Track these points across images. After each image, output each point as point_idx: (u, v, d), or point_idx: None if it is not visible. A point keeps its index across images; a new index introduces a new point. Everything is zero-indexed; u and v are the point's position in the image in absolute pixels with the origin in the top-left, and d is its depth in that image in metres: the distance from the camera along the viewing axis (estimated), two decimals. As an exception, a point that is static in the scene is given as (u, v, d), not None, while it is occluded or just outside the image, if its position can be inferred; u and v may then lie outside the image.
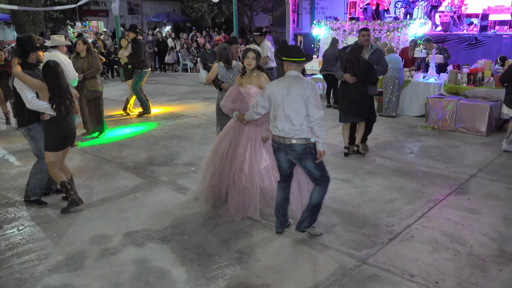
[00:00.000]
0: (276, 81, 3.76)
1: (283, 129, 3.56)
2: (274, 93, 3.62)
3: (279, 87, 3.61)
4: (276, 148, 3.70)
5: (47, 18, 18.96)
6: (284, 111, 3.54)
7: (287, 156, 3.66)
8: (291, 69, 3.64)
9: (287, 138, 3.57)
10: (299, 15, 18.88)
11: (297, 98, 3.51)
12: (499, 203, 4.54)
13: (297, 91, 3.52)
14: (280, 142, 3.62)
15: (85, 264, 3.49)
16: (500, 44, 11.03)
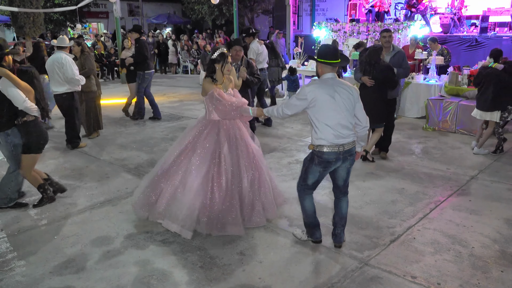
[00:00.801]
0: (316, 84, 3.37)
1: (342, 135, 3.32)
2: (318, 97, 3.29)
3: (324, 91, 3.31)
4: (333, 159, 3.36)
5: (48, 20, 18.98)
6: (340, 117, 3.31)
7: (343, 164, 3.44)
8: (327, 71, 3.40)
9: (347, 144, 3.35)
10: (299, 17, 18.92)
11: (347, 101, 3.33)
12: (500, 204, 4.54)
13: (345, 94, 3.33)
14: (339, 151, 3.33)
15: (86, 266, 3.48)
16: (501, 46, 11.01)
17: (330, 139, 3.30)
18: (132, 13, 29.29)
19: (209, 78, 3.86)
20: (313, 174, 3.47)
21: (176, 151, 3.99)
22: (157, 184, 3.98)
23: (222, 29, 21.28)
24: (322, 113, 3.30)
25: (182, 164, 3.89)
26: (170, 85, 13.90)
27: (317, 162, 3.39)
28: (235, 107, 3.82)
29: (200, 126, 4.00)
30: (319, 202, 4.60)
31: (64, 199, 4.81)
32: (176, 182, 3.85)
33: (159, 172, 4.01)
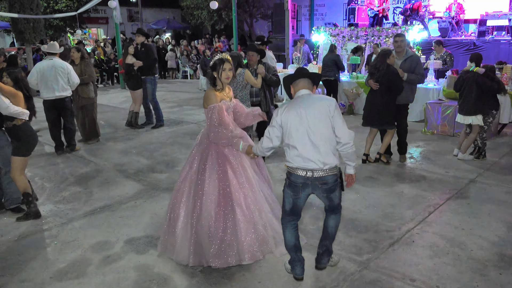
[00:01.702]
0: (285, 105, 3.09)
1: (311, 160, 2.96)
2: (287, 119, 3.00)
3: (292, 110, 3.00)
4: (300, 184, 3.04)
5: (47, 26, 19.05)
6: (308, 137, 2.96)
7: (315, 192, 3.09)
8: (298, 88, 3.12)
9: (317, 171, 2.98)
10: (298, 22, 19.01)
11: (320, 119, 2.97)
12: (498, 207, 4.56)
13: (316, 111, 2.97)
14: (307, 176, 2.99)
15: (86, 272, 3.50)
16: (499, 49, 11.10)
17: (296, 161, 3.00)
18: (132, 18, 29.42)
19: (212, 88, 3.54)
20: (287, 199, 3.15)
21: (185, 187, 3.54)
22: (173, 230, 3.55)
23: (222, 34, 21.36)
24: (289, 133, 3.01)
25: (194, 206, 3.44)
26: (169, 90, 13.95)
27: (287, 184, 3.13)
28: (229, 137, 3.42)
29: (202, 151, 3.57)
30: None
31: (64, 205, 4.83)
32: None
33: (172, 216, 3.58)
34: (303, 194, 3.10)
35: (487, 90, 5.83)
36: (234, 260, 3.34)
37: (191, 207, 3.44)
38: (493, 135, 7.35)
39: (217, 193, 3.38)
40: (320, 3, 18.81)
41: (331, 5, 18.23)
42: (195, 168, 3.52)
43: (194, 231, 3.40)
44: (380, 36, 12.22)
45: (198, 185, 3.43)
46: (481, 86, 5.82)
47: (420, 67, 5.83)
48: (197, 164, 3.53)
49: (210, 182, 3.39)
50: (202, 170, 3.45)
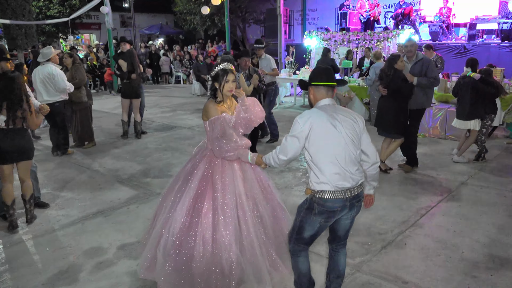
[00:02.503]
0: (311, 113, 2.67)
1: (350, 174, 2.61)
2: (316, 128, 2.59)
3: (323, 119, 2.61)
4: (338, 208, 2.64)
5: (40, 32, 18.99)
6: (346, 152, 2.60)
7: (349, 213, 2.73)
8: (321, 97, 2.71)
9: (354, 188, 2.65)
10: (290, 26, 19.12)
11: (351, 132, 2.64)
12: (489, 209, 4.61)
13: (348, 123, 2.65)
14: (345, 197, 2.62)
15: (79, 278, 3.48)
16: (489, 53, 11.23)
17: (334, 181, 2.58)
18: (125, 24, 29.42)
19: (212, 100, 3.27)
20: (312, 226, 2.74)
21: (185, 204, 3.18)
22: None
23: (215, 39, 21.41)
24: (323, 147, 2.59)
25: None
26: (162, 95, 13.94)
27: (317, 212, 2.66)
28: (235, 148, 3.12)
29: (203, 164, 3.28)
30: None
31: (57, 211, 4.81)
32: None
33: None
34: (337, 217, 2.73)
35: (482, 95, 5.89)
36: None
37: (163, 221, 3.24)
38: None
39: (184, 214, 3.11)
40: (312, 8, 18.95)
41: (323, 9, 18.37)
42: (180, 182, 3.31)
43: (159, 239, 3.18)
44: (371, 40, 12.35)
45: (174, 202, 3.22)
46: (476, 91, 5.87)
47: (431, 70, 5.59)
48: (182, 178, 3.33)
49: (184, 202, 3.14)
50: (183, 186, 3.25)
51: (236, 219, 3.10)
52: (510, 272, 3.41)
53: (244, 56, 6.11)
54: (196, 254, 3.01)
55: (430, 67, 5.58)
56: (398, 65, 5.50)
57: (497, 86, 5.98)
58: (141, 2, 24.91)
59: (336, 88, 2.82)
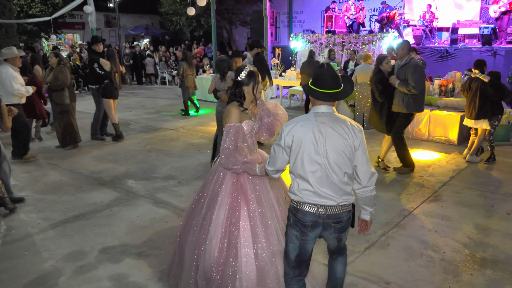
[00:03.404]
0: (297, 121, 2.46)
1: (324, 196, 2.40)
2: (300, 141, 2.39)
3: (307, 132, 2.38)
4: (310, 223, 2.44)
5: (21, 31, 18.65)
6: (323, 169, 2.38)
7: (325, 232, 2.51)
8: (318, 103, 2.46)
9: (331, 207, 2.42)
10: (277, 28, 19.19)
11: (342, 150, 2.38)
12: (470, 210, 4.68)
13: (341, 139, 2.37)
14: (318, 213, 2.41)
15: (58, 283, 3.41)
16: (470, 56, 11.45)
17: (306, 196, 2.42)
18: (109, 24, 29.09)
19: (235, 104, 3.00)
20: (292, 243, 2.53)
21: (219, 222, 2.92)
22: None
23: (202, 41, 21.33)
24: (299, 160, 2.41)
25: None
26: (148, 96, 13.81)
27: (292, 223, 2.52)
28: (240, 163, 2.89)
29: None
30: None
31: (36, 214, 4.71)
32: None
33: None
34: (312, 235, 2.49)
35: (490, 98, 6.07)
36: None
37: (195, 243, 2.98)
38: (464, 139, 7.54)
39: (220, 232, 2.88)
40: (299, 11, 19.06)
41: (309, 12, 18.49)
42: (207, 198, 3.04)
43: (197, 265, 2.94)
44: (356, 43, 12.46)
45: (205, 220, 2.96)
46: (485, 94, 6.06)
47: (412, 76, 5.37)
48: (209, 193, 3.05)
49: (218, 219, 2.89)
50: (213, 201, 2.97)
51: (275, 230, 2.92)
52: (490, 271, 3.47)
53: (235, 56, 6.11)
54: (241, 272, 2.81)
55: (412, 73, 5.39)
56: (383, 66, 5.67)
57: (504, 90, 6.15)
58: (126, 2, 24.67)
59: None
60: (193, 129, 8.89)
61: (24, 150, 6.66)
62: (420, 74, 5.46)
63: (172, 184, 5.59)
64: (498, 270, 3.49)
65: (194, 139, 7.93)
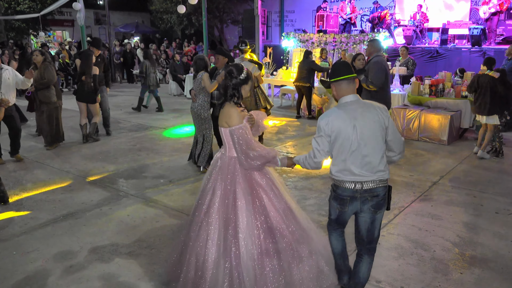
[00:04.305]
0: (333, 114, 2.74)
1: (360, 174, 2.71)
2: (339, 129, 2.68)
3: (344, 120, 2.68)
4: (349, 197, 2.76)
5: (8, 28, 18.38)
6: (359, 149, 2.69)
7: (364, 206, 2.79)
8: (344, 93, 2.77)
9: (367, 182, 2.73)
10: (268, 27, 19.18)
11: (374, 129, 2.70)
12: (460, 209, 4.72)
13: (373, 121, 2.70)
14: (355, 189, 2.73)
15: (47, 283, 3.36)
16: (460, 57, 11.58)
17: (344, 175, 2.75)
18: (99, 21, 28.81)
19: (232, 104, 3.01)
20: (333, 209, 2.92)
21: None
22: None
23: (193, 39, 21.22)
24: (339, 146, 2.71)
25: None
26: (138, 94, 13.68)
27: (333, 197, 2.88)
28: (262, 156, 2.91)
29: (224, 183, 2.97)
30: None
31: (24, 213, 4.63)
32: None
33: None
34: (350, 208, 2.81)
35: (499, 93, 6.23)
36: None
37: (224, 248, 2.85)
38: (454, 139, 7.63)
39: (256, 229, 2.85)
40: (290, 10, 19.08)
41: (300, 11, 18.52)
42: (218, 202, 2.95)
43: (230, 276, 2.82)
44: (348, 42, 12.50)
45: (229, 222, 2.87)
46: (495, 90, 6.22)
47: (371, 73, 5.66)
48: (220, 196, 2.95)
49: (246, 216, 2.85)
50: (232, 204, 2.89)
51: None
52: (479, 270, 3.50)
53: (218, 53, 6.06)
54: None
55: (373, 70, 5.70)
56: (355, 63, 6.06)
57: (510, 86, 6.32)
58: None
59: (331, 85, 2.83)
60: (184, 127, 8.84)
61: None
62: (378, 71, 5.68)
63: (162, 183, 5.56)
64: (487, 269, 3.52)
65: (185, 138, 7.89)
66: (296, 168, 3.19)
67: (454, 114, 7.47)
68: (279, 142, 7.58)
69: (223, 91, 3.07)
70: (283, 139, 7.85)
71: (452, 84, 8.13)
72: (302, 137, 7.90)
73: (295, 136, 8.06)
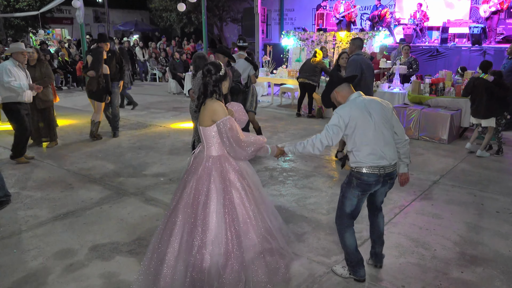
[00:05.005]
0: (347, 106, 3.08)
1: (384, 157, 3.03)
2: (356, 119, 3.02)
3: (359, 111, 3.04)
4: (373, 182, 3.07)
5: (8, 25, 18.32)
6: (379, 136, 3.03)
7: (382, 188, 3.18)
8: (346, 94, 3.16)
9: (388, 167, 3.06)
10: (268, 26, 19.15)
11: (383, 117, 3.08)
12: (460, 208, 4.72)
13: (379, 109, 3.08)
14: (379, 173, 3.05)
15: (48, 281, 3.35)
16: (460, 56, 11.57)
17: (370, 160, 3.02)
18: (98, 19, 28.76)
19: (215, 99, 3.03)
20: (351, 200, 3.15)
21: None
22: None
23: (192, 37, 21.18)
24: (361, 133, 3.03)
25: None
26: (137, 92, 13.68)
27: (355, 184, 3.11)
28: (252, 143, 3.01)
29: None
30: (287, 208, 4.64)
31: (25, 211, 4.63)
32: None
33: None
34: (371, 191, 3.17)
35: (496, 96, 6.27)
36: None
37: (187, 246, 2.92)
38: (454, 138, 7.63)
39: (224, 229, 2.92)
40: (290, 8, 19.04)
41: (300, 10, 18.48)
42: (186, 199, 2.99)
43: (191, 274, 2.86)
44: (348, 41, 12.48)
45: (197, 218, 2.92)
46: (491, 93, 6.26)
47: (347, 71, 5.93)
48: (192, 192, 2.99)
49: (216, 216, 2.91)
50: (204, 202, 2.94)
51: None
52: (480, 269, 3.50)
53: (218, 52, 6.04)
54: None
55: (348, 67, 5.94)
56: (340, 61, 6.33)
57: (508, 88, 6.36)
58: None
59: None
60: (183, 126, 8.83)
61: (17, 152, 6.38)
62: (351, 68, 5.85)
63: (162, 181, 5.55)
64: (488, 268, 3.52)
65: (184, 136, 7.88)
66: (297, 167, 3.24)
67: (454, 113, 7.47)
68: (279, 141, 7.57)
69: (203, 89, 3.06)
70: (283, 138, 7.84)
71: (453, 83, 8.13)
72: (302, 136, 7.89)
73: (295, 135, 8.05)
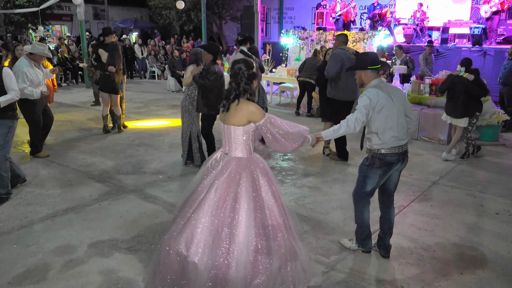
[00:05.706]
0: (374, 90, 3.33)
1: (402, 138, 3.39)
2: (383, 102, 3.30)
3: (385, 94, 3.34)
4: (395, 160, 3.40)
5: (7, 22, 18.26)
6: (399, 117, 3.37)
7: (400, 166, 3.49)
8: (372, 78, 3.43)
9: (404, 145, 3.43)
10: (267, 24, 19.14)
11: (401, 102, 3.40)
12: (459, 209, 4.73)
13: (399, 97, 3.42)
14: (399, 152, 3.39)
15: (47, 277, 3.35)
16: (460, 56, 11.57)
17: (392, 142, 3.34)
18: (98, 16, 28.69)
19: (248, 101, 2.95)
20: (373, 180, 3.46)
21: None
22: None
23: (191, 35, 21.15)
24: (385, 116, 3.31)
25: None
26: (136, 90, 13.66)
27: (378, 165, 3.41)
28: (300, 136, 2.99)
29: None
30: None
31: (24, 207, 4.62)
32: None
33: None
34: (392, 171, 3.45)
35: (474, 96, 6.15)
36: None
37: (213, 247, 2.76)
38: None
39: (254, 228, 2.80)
40: (289, 7, 19.04)
41: (300, 8, 18.48)
42: (213, 202, 2.84)
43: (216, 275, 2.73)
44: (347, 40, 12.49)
45: (224, 223, 2.78)
46: (469, 92, 6.11)
47: (328, 64, 6.07)
48: (218, 197, 2.85)
49: (246, 217, 2.79)
50: (232, 205, 2.82)
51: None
52: (479, 270, 3.51)
53: (203, 49, 5.96)
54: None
55: (329, 60, 6.13)
56: (326, 57, 6.45)
57: (485, 87, 6.27)
58: (116, -6, 24.36)
59: None
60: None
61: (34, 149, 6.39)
62: (332, 62, 6.00)
63: (161, 179, 5.54)
64: (488, 269, 3.53)
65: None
66: (296, 166, 3.28)
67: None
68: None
69: (236, 87, 2.94)
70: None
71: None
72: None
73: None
